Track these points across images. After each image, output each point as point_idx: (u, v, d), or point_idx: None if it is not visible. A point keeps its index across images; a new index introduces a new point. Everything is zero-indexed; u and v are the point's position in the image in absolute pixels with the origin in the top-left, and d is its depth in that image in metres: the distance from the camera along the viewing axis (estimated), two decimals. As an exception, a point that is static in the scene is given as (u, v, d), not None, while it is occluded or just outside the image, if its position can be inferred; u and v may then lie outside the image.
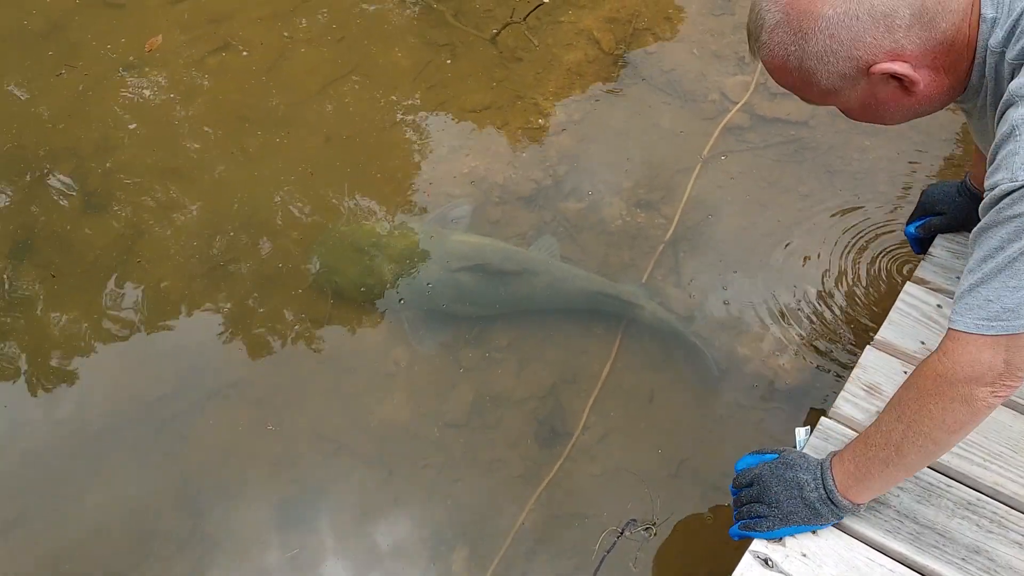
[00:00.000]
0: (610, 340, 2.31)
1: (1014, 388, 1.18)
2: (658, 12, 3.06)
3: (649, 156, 2.67)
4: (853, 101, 1.24)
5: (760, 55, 1.22)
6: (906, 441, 1.26)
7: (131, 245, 2.64)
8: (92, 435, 2.29)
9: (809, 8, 1.13)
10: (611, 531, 1.97)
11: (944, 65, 1.18)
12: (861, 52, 1.15)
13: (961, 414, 1.20)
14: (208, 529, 2.10)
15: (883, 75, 1.17)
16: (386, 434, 2.21)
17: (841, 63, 1.16)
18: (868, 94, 1.21)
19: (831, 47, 1.15)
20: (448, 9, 3.13)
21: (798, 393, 2.13)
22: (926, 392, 1.22)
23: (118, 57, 3.14)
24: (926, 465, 1.32)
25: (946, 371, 1.19)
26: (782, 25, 1.16)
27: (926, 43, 1.15)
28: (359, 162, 2.79)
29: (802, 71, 1.19)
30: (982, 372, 1.16)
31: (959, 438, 1.25)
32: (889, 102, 1.22)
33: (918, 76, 1.16)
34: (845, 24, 1.13)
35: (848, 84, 1.20)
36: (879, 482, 1.34)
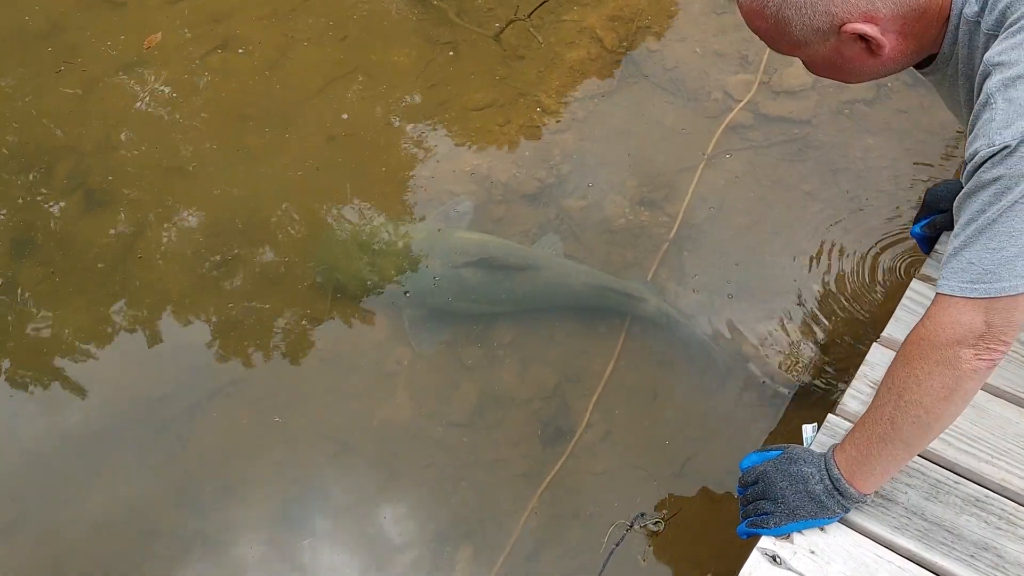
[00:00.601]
0: (613, 338, 2.30)
1: (999, 352, 1.17)
2: (661, 10, 3.05)
3: (652, 154, 2.66)
4: (819, 56, 1.28)
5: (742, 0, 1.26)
6: (899, 412, 1.26)
7: (132, 243, 2.63)
8: (92, 435, 2.28)
9: None
10: (620, 524, 1.96)
11: (913, 32, 1.22)
12: (838, 9, 1.19)
13: (947, 377, 1.20)
14: (209, 529, 2.10)
15: (853, 35, 1.21)
16: (388, 434, 2.21)
17: (817, 17, 1.20)
18: (835, 51, 1.25)
19: (808, 1, 1.19)
20: (450, 7, 3.12)
21: (804, 390, 2.12)
22: (911, 357, 1.23)
23: (119, 56, 3.13)
24: (925, 440, 1.28)
25: (928, 334, 1.21)
26: None
27: (899, 8, 1.19)
28: (361, 160, 2.78)
29: (778, 19, 1.23)
30: (963, 333, 1.17)
31: (951, 408, 1.23)
32: (854, 61, 1.26)
33: (885, 40, 1.21)
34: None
35: (819, 39, 1.23)
36: (880, 463, 1.32)
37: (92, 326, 2.50)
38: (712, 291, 2.34)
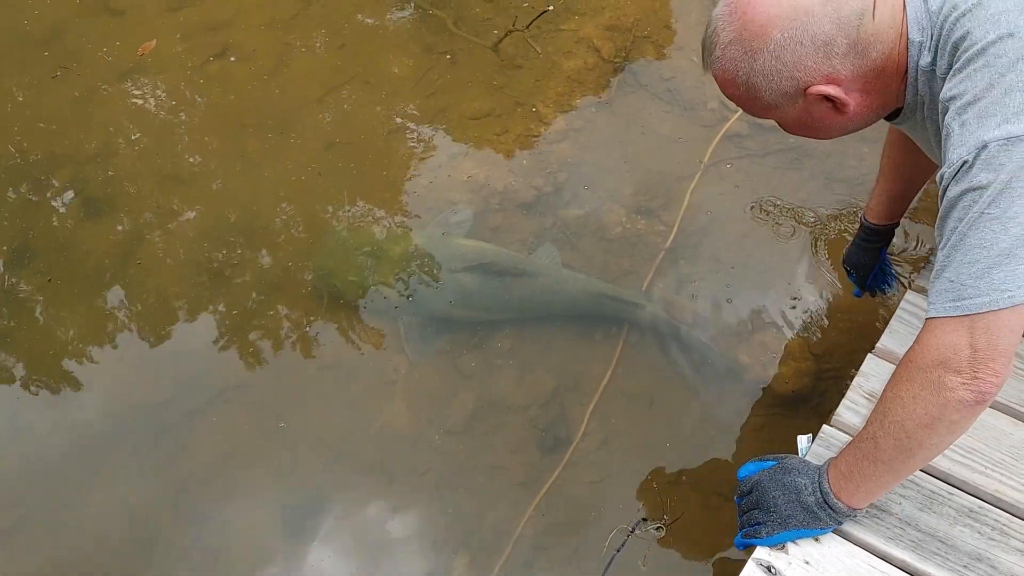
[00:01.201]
0: (611, 346, 2.31)
1: (988, 383, 1.16)
2: (658, 21, 3.07)
3: (649, 163, 2.68)
4: (790, 117, 1.35)
5: (712, 68, 1.32)
6: (882, 432, 1.26)
7: (131, 250, 2.64)
8: (93, 440, 2.29)
9: (760, 31, 1.24)
10: (621, 529, 1.97)
11: (875, 88, 1.29)
12: (801, 74, 1.26)
13: (930, 404, 1.19)
14: (208, 535, 2.10)
15: (818, 96, 1.28)
16: (387, 441, 2.21)
17: (784, 82, 1.27)
18: (804, 112, 1.33)
19: (776, 67, 1.26)
20: (448, 16, 3.14)
21: (800, 400, 2.14)
22: (898, 379, 1.24)
23: (118, 63, 3.14)
24: (907, 465, 1.28)
25: (915, 356, 1.21)
26: (735, 43, 1.26)
27: (859, 69, 1.26)
28: (360, 168, 2.79)
29: (748, 86, 1.30)
30: (947, 355, 1.17)
31: (934, 437, 1.22)
32: (823, 120, 1.34)
33: (849, 99, 1.28)
34: (790, 48, 1.24)
35: (788, 101, 1.31)
36: (865, 482, 1.33)
37: (92, 332, 2.51)
38: (708, 299, 2.36)
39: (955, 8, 1.19)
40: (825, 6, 1.22)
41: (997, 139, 1.11)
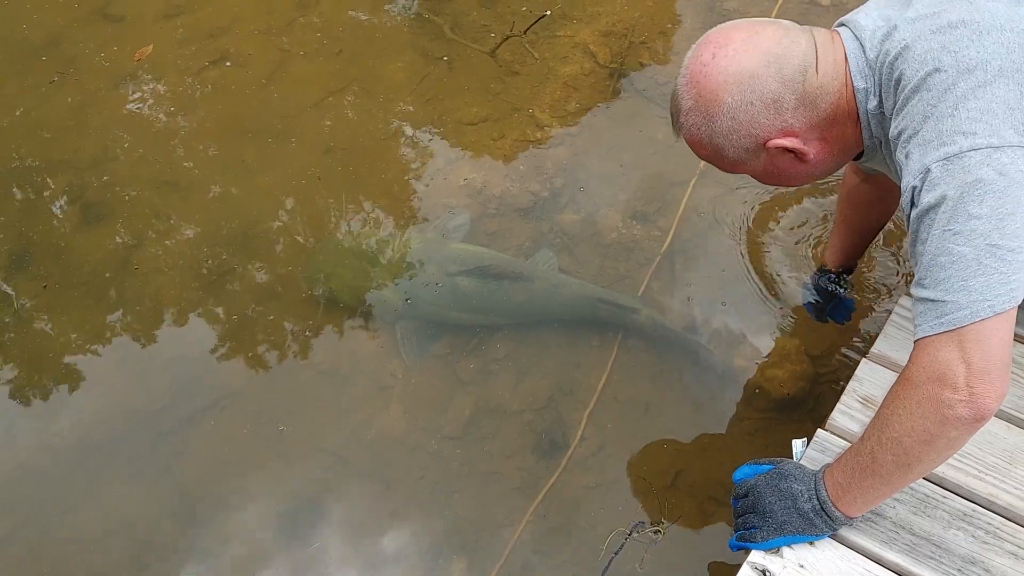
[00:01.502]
0: (607, 351, 2.32)
1: (988, 399, 1.17)
2: (654, 27, 3.08)
3: (645, 169, 2.69)
4: (758, 170, 1.44)
5: (680, 133, 1.43)
6: (880, 447, 1.27)
7: (128, 257, 2.64)
8: (88, 447, 2.29)
9: (713, 97, 1.33)
10: (619, 532, 1.98)
11: (831, 136, 1.38)
12: (758, 131, 1.35)
13: (929, 421, 1.20)
14: (205, 542, 2.10)
15: (778, 148, 1.37)
16: (384, 446, 2.22)
17: (743, 140, 1.37)
18: (769, 164, 1.41)
19: (733, 127, 1.35)
20: (445, 22, 3.15)
21: (794, 403, 2.14)
22: (896, 396, 1.25)
23: (117, 70, 3.15)
24: (904, 479, 1.30)
25: (910, 374, 1.23)
26: (694, 110, 1.36)
27: (811, 120, 1.35)
28: (357, 173, 2.80)
29: (712, 147, 1.40)
30: (942, 372, 1.18)
31: (932, 453, 1.24)
32: (788, 169, 1.42)
33: (807, 148, 1.37)
34: (742, 109, 1.33)
35: (751, 156, 1.40)
36: (862, 493, 1.34)
37: (89, 339, 2.51)
38: (704, 304, 2.36)
39: (888, 54, 1.27)
40: (768, 68, 1.31)
41: (937, 160, 1.18)
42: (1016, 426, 1.59)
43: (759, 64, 1.31)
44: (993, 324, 1.16)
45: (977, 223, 1.15)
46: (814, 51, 1.32)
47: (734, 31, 1.34)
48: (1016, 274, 1.15)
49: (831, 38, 1.35)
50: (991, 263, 1.15)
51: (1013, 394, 1.62)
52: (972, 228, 1.15)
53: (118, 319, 2.53)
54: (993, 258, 1.15)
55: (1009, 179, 1.14)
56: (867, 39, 1.31)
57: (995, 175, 1.14)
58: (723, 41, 1.33)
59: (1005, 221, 1.14)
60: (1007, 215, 1.14)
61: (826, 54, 1.32)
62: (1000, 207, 1.14)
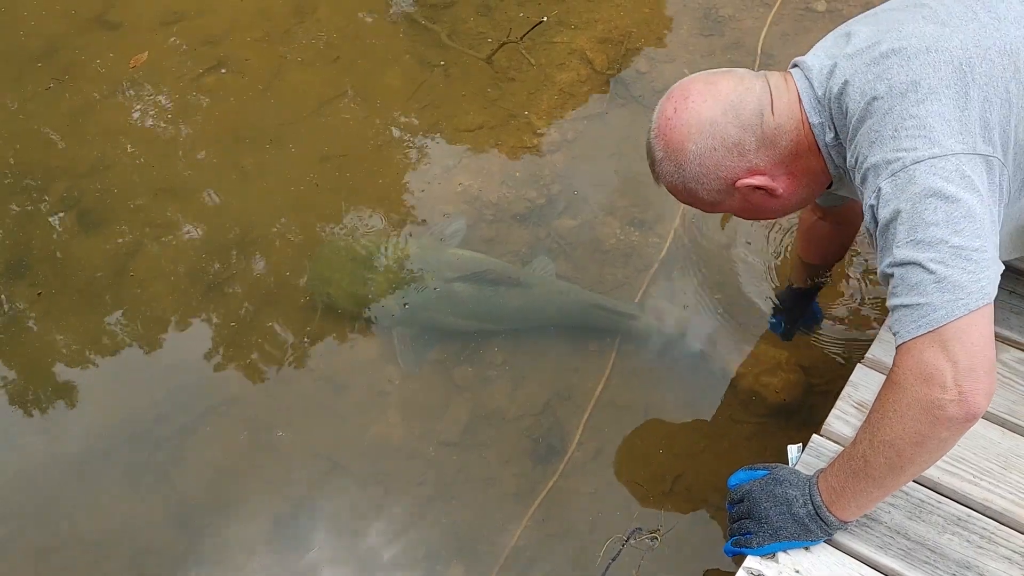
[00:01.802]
0: (604, 357, 2.32)
1: (977, 397, 1.18)
2: (650, 33, 3.09)
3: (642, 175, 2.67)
4: (735, 208, 1.54)
5: (659, 181, 1.54)
6: (872, 451, 1.28)
7: (126, 264, 2.65)
8: (86, 454, 2.29)
9: (680, 147, 1.44)
10: (616, 539, 1.98)
11: (798, 170, 1.46)
12: (725, 173, 1.45)
13: (920, 423, 1.21)
14: (203, 548, 2.11)
15: (748, 187, 1.46)
16: (380, 452, 2.22)
17: (713, 183, 1.47)
18: (743, 201, 1.50)
19: (702, 172, 1.45)
20: (442, 29, 3.16)
21: (791, 409, 2.15)
22: (885, 400, 1.27)
23: (114, 77, 3.16)
24: (897, 481, 1.31)
25: (898, 378, 1.25)
26: (665, 160, 1.47)
27: (775, 158, 1.44)
28: (354, 180, 2.81)
29: (688, 191, 1.50)
30: (929, 371, 1.20)
31: (923, 454, 1.25)
32: (762, 205, 1.51)
33: (776, 184, 1.45)
34: (707, 155, 1.43)
35: (725, 196, 1.49)
36: (855, 498, 1.35)
37: (85, 346, 2.51)
38: (702, 310, 2.37)
39: (832, 90, 1.37)
40: (726, 115, 1.41)
41: (886, 179, 1.25)
42: (1010, 431, 1.59)
43: (717, 113, 1.41)
44: (971, 321, 1.19)
45: (935, 229, 1.20)
46: (768, 94, 1.42)
47: (692, 85, 1.45)
48: (984, 271, 1.20)
49: (784, 80, 1.45)
50: (958, 263, 1.19)
51: (1007, 399, 1.63)
52: (932, 235, 1.20)
53: (115, 326, 2.53)
54: (959, 259, 1.19)
55: (956, 184, 1.21)
56: (815, 78, 1.40)
57: (942, 182, 1.21)
58: (683, 95, 1.44)
59: (961, 224, 1.20)
60: (961, 218, 1.20)
61: (780, 95, 1.42)
62: (953, 211, 1.20)
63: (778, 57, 2.91)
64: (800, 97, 1.41)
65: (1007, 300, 1.76)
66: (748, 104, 1.42)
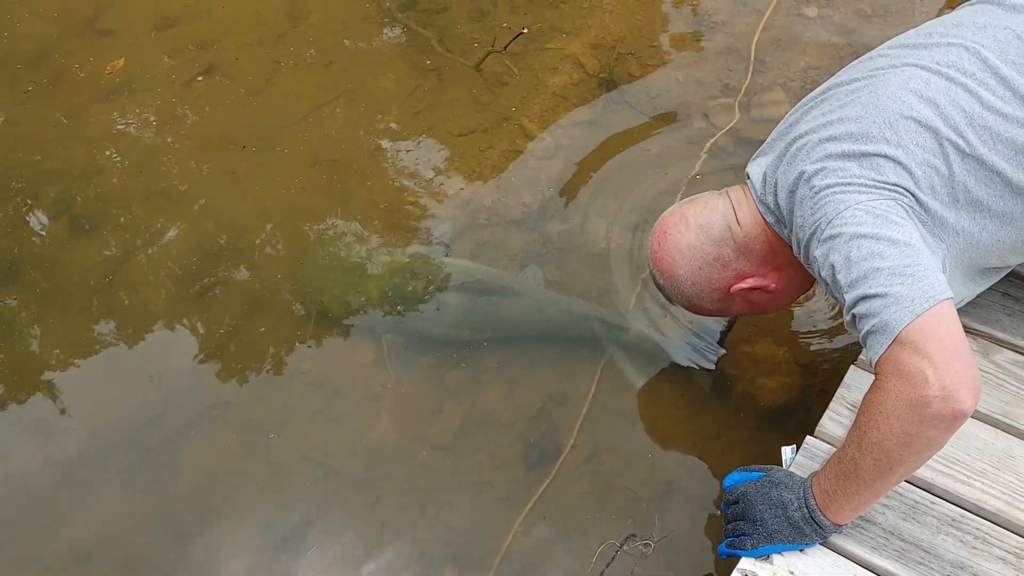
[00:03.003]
0: (597, 361, 2.32)
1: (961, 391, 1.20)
2: (642, 39, 3.10)
3: (634, 179, 2.70)
4: (739, 309, 1.72)
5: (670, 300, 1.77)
6: (860, 452, 1.29)
7: (117, 268, 2.64)
8: (76, 459, 2.27)
9: (670, 272, 1.67)
10: (610, 544, 1.97)
11: (780, 263, 1.61)
12: (718, 285, 1.65)
13: (907, 422, 1.22)
14: (194, 554, 2.09)
15: (741, 291, 1.63)
16: (373, 457, 2.21)
17: (712, 294, 1.67)
18: (744, 302, 1.69)
19: (697, 290, 1.67)
20: (433, 35, 3.17)
21: (786, 411, 2.15)
22: (870, 403, 1.29)
23: (106, 82, 3.15)
24: (886, 483, 1.32)
25: (881, 383, 1.27)
26: (666, 285, 1.71)
27: (756, 260, 1.61)
28: (347, 185, 2.80)
29: (692, 305, 1.72)
30: (909, 370, 1.22)
31: (911, 455, 1.26)
32: (762, 301, 1.68)
33: (767, 281, 1.63)
34: (696, 274, 1.64)
35: (726, 303, 1.69)
36: (847, 500, 1.36)
37: (77, 351, 2.50)
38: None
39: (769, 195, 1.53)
40: (699, 237, 1.62)
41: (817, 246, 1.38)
42: (1004, 432, 1.60)
43: (691, 237, 1.62)
44: (928, 319, 1.23)
45: (865, 264, 1.30)
46: (731, 208, 1.60)
47: (668, 219, 1.67)
48: (923, 280, 1.26)
49: (743, 192, 1.62)
50: (895, 280, 1.27)
51: (1000, 400, 1.63)
52: (864, 268, 1.30)
53: (106, 330, 2.52)
54: (894, 277, 1.27)
55: (869, 224, 1.32)
56: (757, 187, 1.57)
57: (855, 226, 1.33)
58: (663, 231, 1.67)
59: (886, 252, 1.30)
60: (885, 247, 1.30)
61: (741, 207, 1.60)
62: (875, 244, 1.30)
63: (770, 63, 2.93)
64: (756, 204, 1.57)
65: (999, 302, 1.76)
66: (715, 222, 1.61)
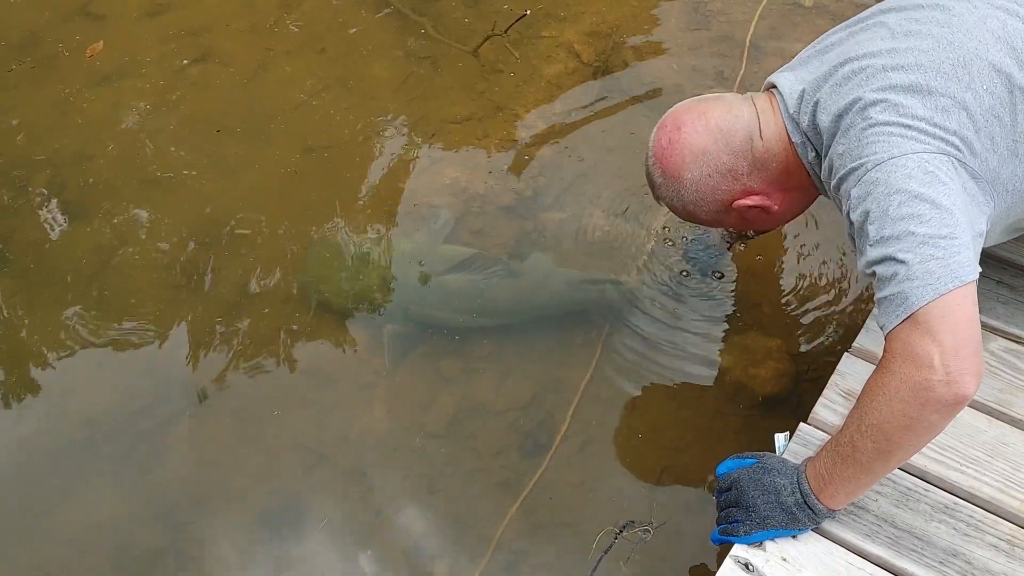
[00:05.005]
0: (591, 350, 2.31)
1: (964, 377, 1.20)
2: (637, 27, 3.09)
3: (629, 167, 2.69)
4: (733, 223, 1.68)
5: (660, 200, 1.68)
6: (859, 435, 1.29)
7: (108, 256, 2.62)
8: (66, 449, 2.26)
9: (676, 174, 1.57)
10: (608, 531, 1.97)
11: (791, 185, 1.56)
12: (722, 196, 1.57)
13: (908, 406, 1.22)
14: (185, 543, 2.08)
15: (744, 207, 1.57)
16: (366, 445, 2.20)
17: (712, 205, 1.59)
18: (740, 218, 1.63)
19: (700, 197, 1.58)
20: (428, 21, 3.15)
21: (778, 399, 2.15)
22: (873, 385, 1.28)
23: (97, 68, 3.13)
24: (885, 466, 1.32)
25: (886, 363, 1.27)
26: (664, 185, 1.61)
27: (767, 178, 1.55)
28: (339, 173, 2.79)
29: (687, 212, 1.64)
30: (916, 352, 1.22)
31: (912, 438, 1.26)
32: (758, 220, 1.64)
33: (770, 201, 1.57)
34: (703, 182, 1.56)
35: (723, 215, 1.62)
36: (844, 484, 1.35)
37: (67, 338, 2.48)
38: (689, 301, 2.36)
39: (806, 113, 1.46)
40: (717, 143, 1.52)
41: (855, 184, 1.33)
42: (997, 419, 1.60)
43: (709, 142, 1.52)
44: (948, 302, 1.22)
45: (902, 223, 1.26)
46: (756, 119, 1.52)
47: (684, 115, 1.56)
48: (954, 256, 1.23)
49: (769, 103, 1.53)
50: (927, 251, 1.23)
51: (994, 387, 1.63)
52: (899, 229, 1.26)
53: (98, 319, 2.50)
54: (926, 247, 1.23)
55: (918, 180, 1.27)
56: (789, 101, 1.49)
57: (904, 179, 1.27)
58: (676, 125, 1.55)
59: (926, 215, 1.25)
60: (926, 210, 1.25)
61: (766, 119, 1.51)
62: (917, 204, 1.25)
63: (766, 51, 2.92)
64: (784, 119, 1.49)
65: (994, 290, 1.76)
66: (737, 131, 1.51)
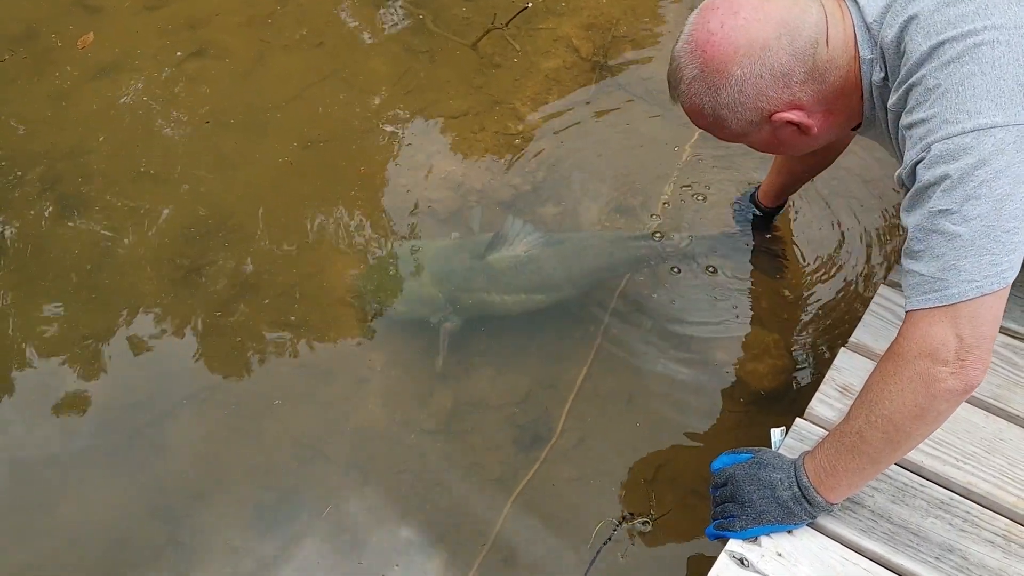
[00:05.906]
0: (587, 345, 2.30)
1: (975, 371, 1.19)
2: (635, 21, 3.08)
3: (627, 162, 2.68)
4: (759, 141, 1.43)
5: (679, 100, 1.40)
6: (868, 426, 1.27)
7: (106, 249, 2.61)
8: (63, 444, 2.25)
9: (721, 67, 1.29)
10: (608, 522, 1.97)
11: (837, 108, 1.36)
12: (764, 104, 1.33)
13: (919, 395, 1.21)
14: (182, 537, 2.08)
15: (782, 122, 1.35)
16: (362, 440, 2.20)
17: (748, 112, 1.34)
18: (771, 136, 1.40)
19: (739, 100, 1.32)
20: (427, 15, 3.14)
21: (775, 395, 2.14)
22: (885, 373, 1.25)
23: (94, 61, 3.12)
24: (892, 457, 1.30)
25: (901, 350, 1.23)
26: (698, 79, 1.33)
27: (819, 93, 1.33)
28: (337, 166, 2.78)
29: (715, 117, 1.37)
30: (935, 346, 1.19)
31: (922, 427, 1.25)
32: (789, 141, 1.41)
33: (812, 121, 1.35)
34: (751, 82, 1.30)
35: (754, 128, 1.38)
36: (847, 476, 1.34)
37: (64, 333, 2.48)
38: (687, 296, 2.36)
39: (892, 25, 1.25)
40: (780, 39, 1.27)
41: (940, 139, 1.17)
42: (994, 415, 1.59)
43: (771, 35, 1.27)
44: (984, 303, 1.17)
45: (975, 204, 1.14)
46: (824, 22, 1.29)
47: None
48: (1008, 255, 1.16)
49: (839, 8, 1.31)
50: (984, 244, 1.15)
51: (991, 383, 1.62)
52: (970, 209, 1.15)
53: (95, 313, 2.50)
54: (987, 239, 1.15)
55: (1010, 160, 1.13)
56: (869, 10, 1.28)
57: (997, 156, 1.13)
58: (732, 9, 1.28)
59: (1003, 203, 1.14)
60: (1006, 196, 1.14)
61: (836, 25, 1.29)
62: (999, 188, 1.14)
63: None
64: (855, 30, 1.29)
65: (991, 285, 1.75)
66: (804, 29, 1.28)
